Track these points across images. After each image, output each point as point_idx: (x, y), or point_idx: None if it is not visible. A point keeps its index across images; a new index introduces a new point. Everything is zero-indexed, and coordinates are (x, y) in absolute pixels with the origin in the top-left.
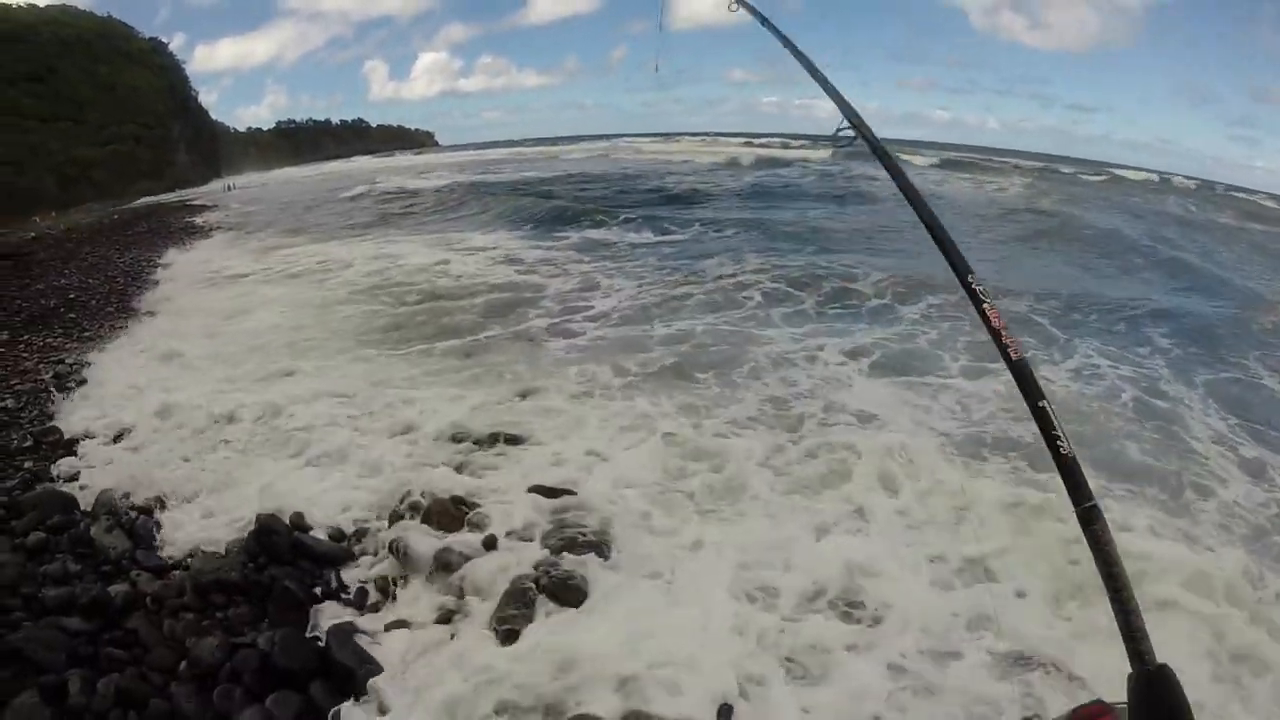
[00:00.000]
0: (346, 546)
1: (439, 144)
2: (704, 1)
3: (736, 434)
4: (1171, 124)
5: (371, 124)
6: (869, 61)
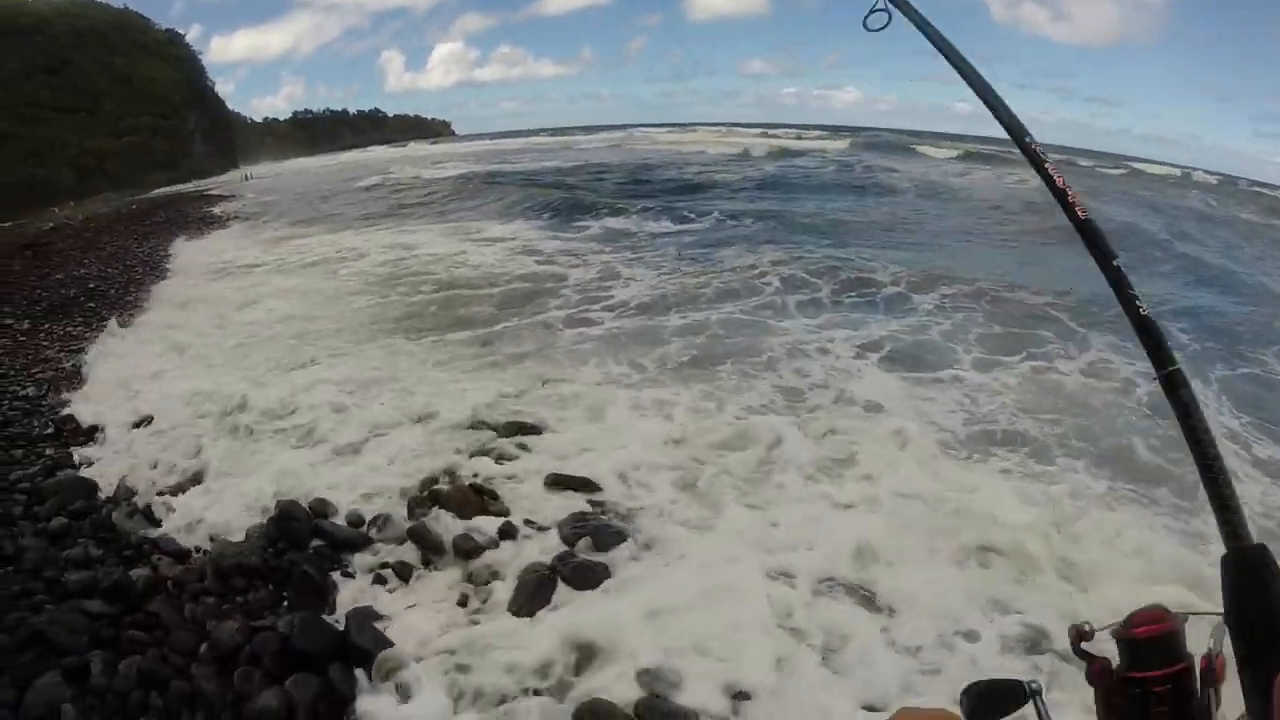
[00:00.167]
0: (365, 532)
1: (455, 134)
2: None
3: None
4: (1193, 119)
5: (388, 114)
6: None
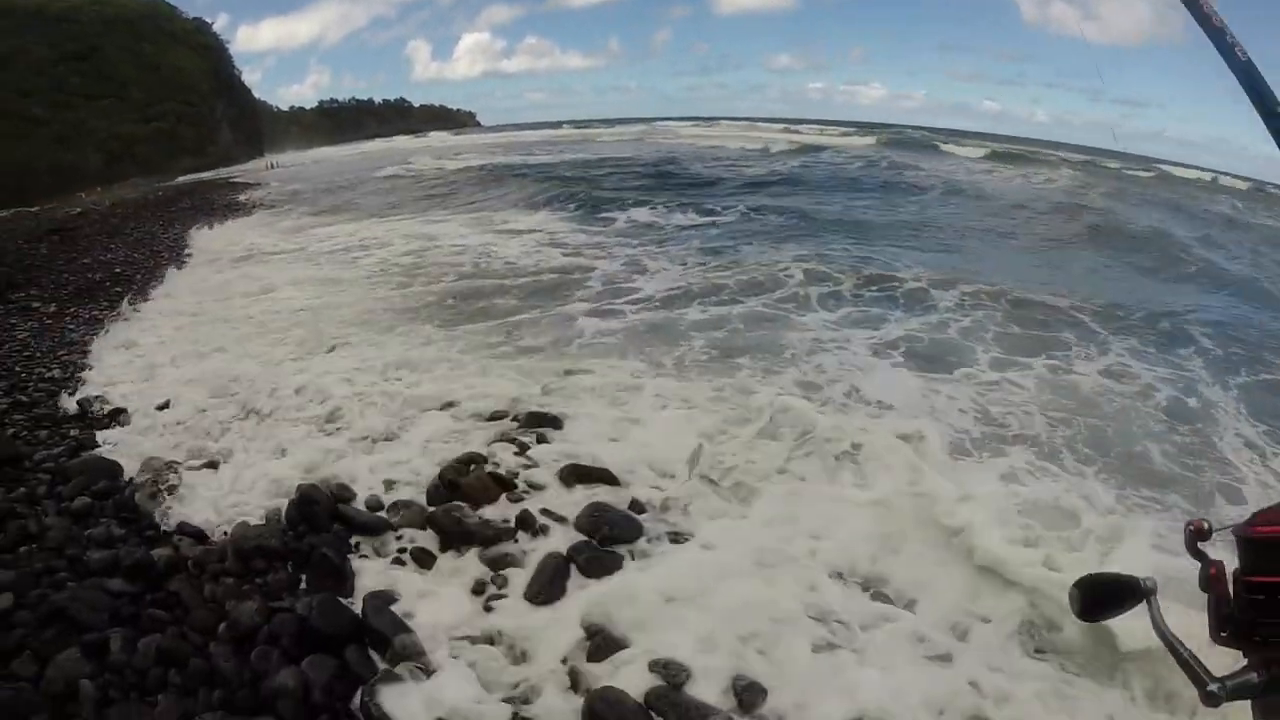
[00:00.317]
0: (385, 517)
1: (481, 124)
2: None
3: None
4: (1225, 122)
5: (414, 104)
6: (917, 50)
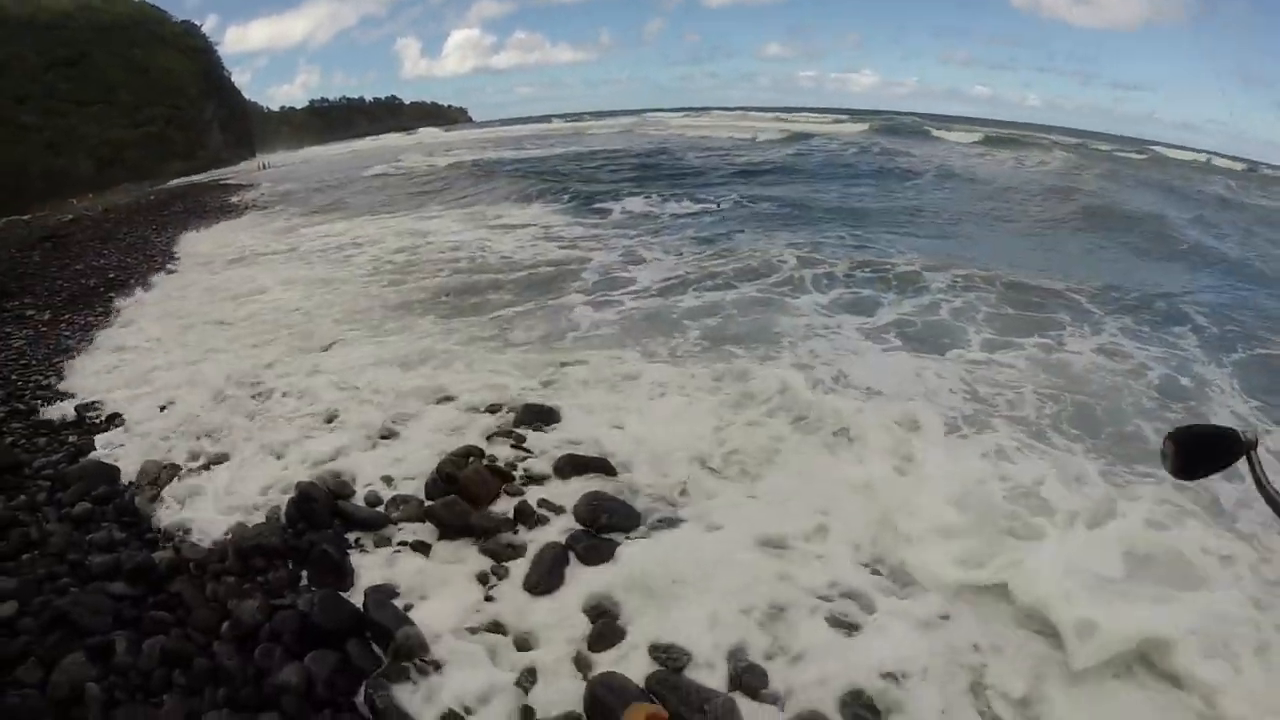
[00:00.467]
0: (384, 512)
1: (472, 120)
2: None
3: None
4: (1217, 103)
5: (405, 101)
6: (910, 36)
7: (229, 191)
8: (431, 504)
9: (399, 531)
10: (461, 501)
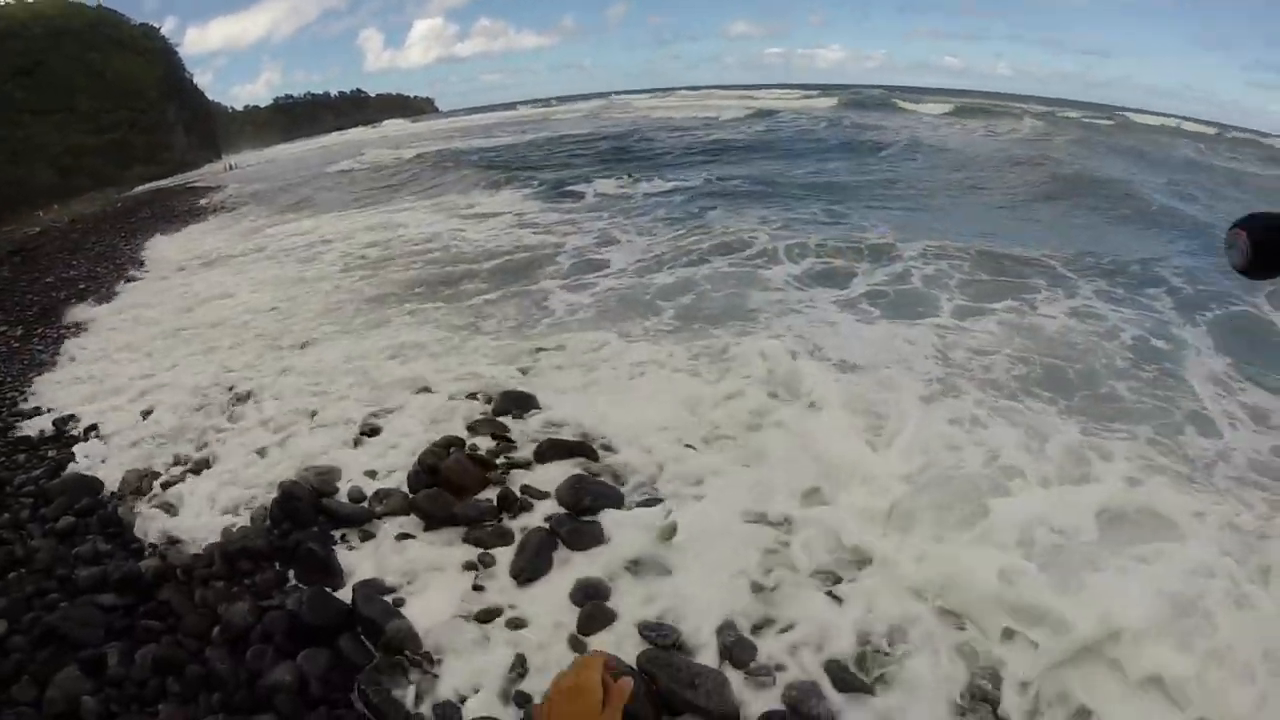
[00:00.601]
0: (368, 507)
1: (439, 110)
2: None
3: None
4: (1187, 69)
5: (370, 94)
6: (877, 12)
7: (196, 195)
8: (415, 496)
9: (384, 525)
10: (445, 492)
